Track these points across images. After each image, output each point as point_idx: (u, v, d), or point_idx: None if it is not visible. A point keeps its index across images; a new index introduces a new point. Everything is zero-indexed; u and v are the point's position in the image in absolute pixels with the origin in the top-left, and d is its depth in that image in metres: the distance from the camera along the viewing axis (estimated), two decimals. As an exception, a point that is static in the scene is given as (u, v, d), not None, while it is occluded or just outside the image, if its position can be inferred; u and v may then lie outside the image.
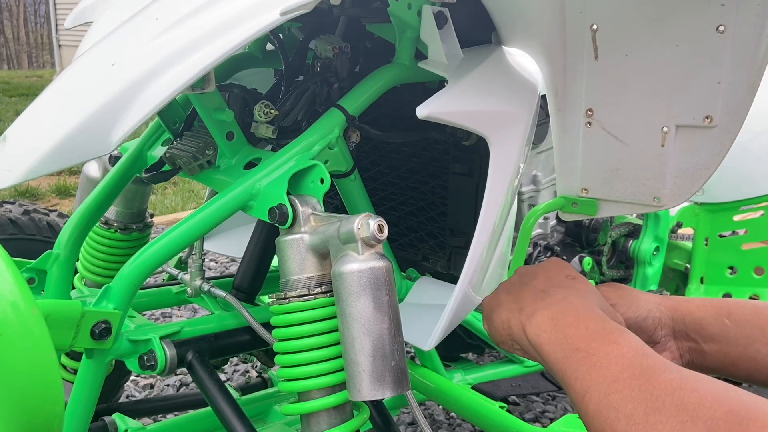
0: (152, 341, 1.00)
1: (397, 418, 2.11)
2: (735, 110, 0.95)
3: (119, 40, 0.97)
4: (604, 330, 0.70)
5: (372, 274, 0.81)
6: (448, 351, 1.70)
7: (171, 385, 2.36)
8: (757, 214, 2.07)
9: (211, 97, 1.03)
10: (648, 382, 0.61)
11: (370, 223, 0.82)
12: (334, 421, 0.88)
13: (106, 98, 0.85)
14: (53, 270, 1.13)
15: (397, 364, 0.81)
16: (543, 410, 2.25)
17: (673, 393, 0.59)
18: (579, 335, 0.70)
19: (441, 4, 1.03)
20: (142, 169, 1.24)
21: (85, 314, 0.90)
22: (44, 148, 0.84)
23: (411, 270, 1.31)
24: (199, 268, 1.37)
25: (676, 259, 2.23)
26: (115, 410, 1.45)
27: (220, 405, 1.00)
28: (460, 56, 1.07)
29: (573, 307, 0.76)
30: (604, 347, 0.66)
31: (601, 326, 0.70)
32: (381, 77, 1.10)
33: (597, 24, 0.86)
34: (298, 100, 1.11)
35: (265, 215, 0.93)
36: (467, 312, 1.19)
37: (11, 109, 8.40)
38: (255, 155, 1.06)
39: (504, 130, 1.07)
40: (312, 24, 1.22)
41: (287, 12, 0.81)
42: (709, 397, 0.57)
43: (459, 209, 1.30)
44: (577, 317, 0.73)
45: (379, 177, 1.43)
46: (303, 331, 0.88)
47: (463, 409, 1.53)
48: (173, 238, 0.95)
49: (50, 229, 1.64)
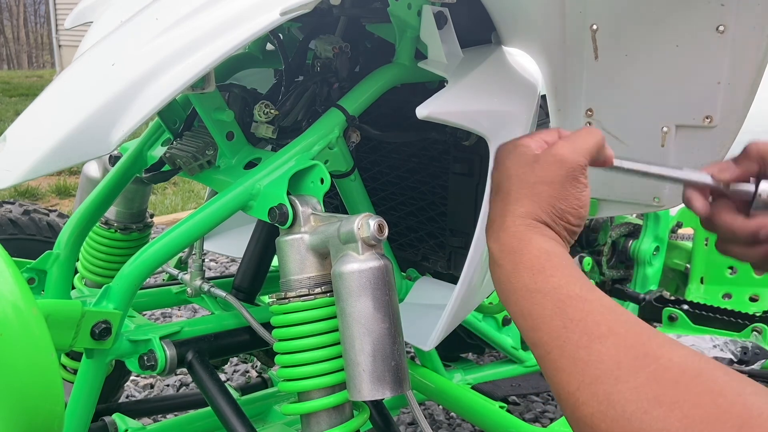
0: (152, 341, 1.00)
1: (397, 418, 2.11)
2: (735, 110, 0.95)
3: (119, 40, 0.97)
4: (546, 310, 0.62)
5: (372, 274, 0.81)
6: (448, 351, 1.70)
7: (171, 385, 2.36)
8: (757, 214, 2.07)
9: (211, 97, 1.03)
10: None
11: (370, 223, 0.82)
12: (334, 421, 0.89)
13: (106, 98, 0.85)
14: (53, 270, 1.13)
15: (397, 364, 0.81)
16: (543, 410, 2.25)
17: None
18: (526, 325, 0.63)
19: (441, 4, 1.03)
20: (142, 169, 1.24)
21: (85, 314, 0.90)
22: (44, 148, 0.84)
23: (411, 270, 1.31)
24: (199, 268, 1.37)
25: (676, 259, 2.23)
26: (115, 410, 1.45)
27: (220, 405, 1.00)
28: (460, 56, 1.07)
29: (507, 280, 0.67)
30: (554, 340, 0.60)
31: (539, 304, 0.63)
32: (381, 77, 1.10)
33: (597, 24, 0.86)
34: (298, 100, 1.11)
35: (265, 215, 0.93)
36: (467, 312, 1.19)
37: (11, 109, 8.40)
38: (255, 155, 1.06)
39: (504, 130, 1.06)
40: (312, 24, 1.22)
41: (287, 12, 0.81)
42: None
43: (459, 209, 1.30)
44: (516, 298, 0.65)
45: (379, 177, 1.43)
46: (303, 331, 0.88)
47: (463, 409, 1.53)
48: (173, 238, 0.95)
49: (50, 229, 1.64)
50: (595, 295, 0.61)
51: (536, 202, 0.69)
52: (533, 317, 0.62)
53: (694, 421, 0.49)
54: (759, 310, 1.97)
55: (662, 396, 0.51)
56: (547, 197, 0.69)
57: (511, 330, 1.70)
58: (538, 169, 0.71)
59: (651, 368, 0.53)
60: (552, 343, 0.59)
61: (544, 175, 0.70)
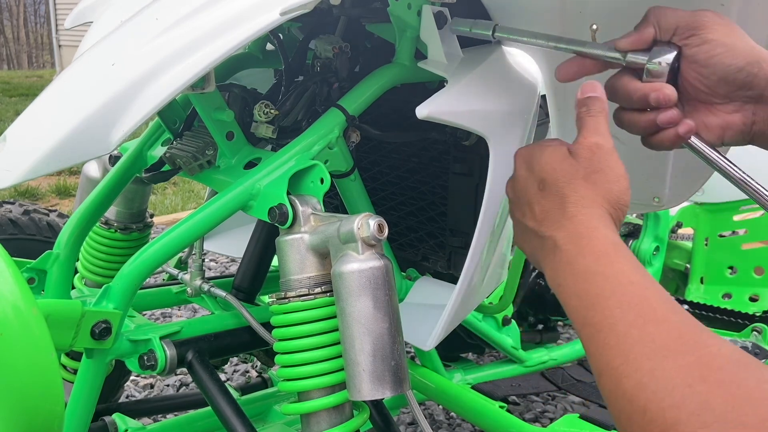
0: (152, 341, 1.00)
1: (397, 418, 2.11)
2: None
3: (119, 40, 0.97)
4: (603, 290, 0.64)
5: (372, 274, 0.81)
6: (448, 351, 1.70)
7: (171, 385, 2.36)
8: (757, 214, 2.07)
9: (211, 97, 1.03)
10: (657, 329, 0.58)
11: (370, 223, 0.82)
12: (334, 420, 0.89)
13: (106, 98, 0.85)
14: (53, 270, 1.13)
15: (397, 364, 0.81)
16: (543, 410, 2.25)
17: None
18: (581, 305, 0.65)
19: (441, 3, 1.03)
20: (142, 169, 1.24)
21: (85, 314, 0.90)
22: (44, 148, 0.84)
23: (411, 270, 1.31)
24: (199, 268, 1.37)
25: (676, 259, 2.23)
26: (115, 410, 1.45)
27: (220, 405, 1.00)
28: (460, 56, 1.07)
29: (567, 263, 0.69)
30: (607, 318, 0.61)
31: (600, 285, 0.64)
32: (381, 77, 1.10)
33: (597, 24, 0.86)
34: (298, 100, 1.11)
35: (265, 215, 0.93)
36: (467, 312, 1.19)
37: (11, 109, 8.40)
38: (255, 155, 1.06)
39: (504, 130, 1.06)
40: (312, 24, 1.22)
41: (287, 12, 0.81)
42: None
43: (459, 209, 1.30)
44: (575, 279, 0.67)
45: (379, 177, 1.43)
46: (303, 331, 0.88)
47: (463, 409, 1.53)
48: (173, 238, 0.95)
49: (50, 229, 1.64)
50: (655, 286, 0.63)
51: (594, 190, 0.73)
52: (590, 297, 0.64)
53: (736, 399, 0.50)
54: (759, 310, 1.98)
55: (708, 376, 0.52)
56: (602, 183, 0.73)
57: (511, 330, 1.70)
58: (582, 160, 0.74)
59: (699, 353, 0.54)
60: (604, 321, 0.61)
61: (589, 164, 0.74)
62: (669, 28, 0.81)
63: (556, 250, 0.71)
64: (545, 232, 0.74)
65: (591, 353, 0.62)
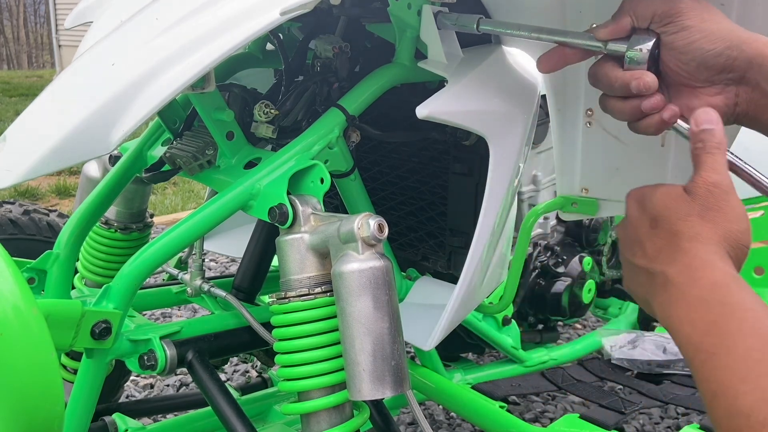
0: (152, 341, 1.00)
1: (397, 418, 2.11)
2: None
3: (119, 40, 0.97)
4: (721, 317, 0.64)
5: (372, 274, 0.81)
6: (448, 351, 1.70)
7: (171, 385, 2.36)
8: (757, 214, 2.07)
9: (211, 97, 1.03)
10: None
11: (370, 223, 0.82)
12: (334, 420, 0.89)
13: (106, 98, 0.85)
14: (53, 270, 1.12)
15: (397, 364, 0.81)
16: (543, 410, 2.25)
17: None
18: (694, 332, 0.65)
19: (441, 3, 1.03)
20: (142, 169, 1.24)
21: (85, 314, 0.90)
22: (44, 148, 0.84)
23: (411, 270, 1.31)
24: (199, 268, 1.37)
25: (676, 259, 2.23)
26: (115, 410, 1.45)
27: (220, 405, 1.00)
28: (460, 56, 1.07)
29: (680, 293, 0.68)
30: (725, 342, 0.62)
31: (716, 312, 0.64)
32: (381, 77, 1.10)
33: (596, 24, 0.86)
34: (298, 100, 1.11)
35: (265, 215, 0.93)
36: (467, 312, 1.19)
37: (11, 109, 8.40)
38: (255, 155, 1.06)
39: (504, 130, 1.07)
40: (312, 24, 1.22)
41: (287, 12, 0.81)
42: None
43: (459, 209, 1.30)
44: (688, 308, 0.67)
45: (379, 177, 1.43)
46: (303, 331, 0.88)
47: (463, 409, 1.53)
48: (173, 238, 0.95)
49: (50, 229, 1.64)
50: None
51: (711, 228, 0.70)
52: (705, 323, 0.64)
53: None
54: (759, 310, 1.97)
55: None
56: (721, 222, 0.70)
57: (511, 330, 1.70)
58: (699, 198, 0.72)
59: None
60: (721, 344, 0.62)
61: (706, 203, 0.71)
62: (645, 16, 0.81)
63: (668, 284, 0.69)
64: (656, 267, 0.71)
65: (704, 377, 0.62)
